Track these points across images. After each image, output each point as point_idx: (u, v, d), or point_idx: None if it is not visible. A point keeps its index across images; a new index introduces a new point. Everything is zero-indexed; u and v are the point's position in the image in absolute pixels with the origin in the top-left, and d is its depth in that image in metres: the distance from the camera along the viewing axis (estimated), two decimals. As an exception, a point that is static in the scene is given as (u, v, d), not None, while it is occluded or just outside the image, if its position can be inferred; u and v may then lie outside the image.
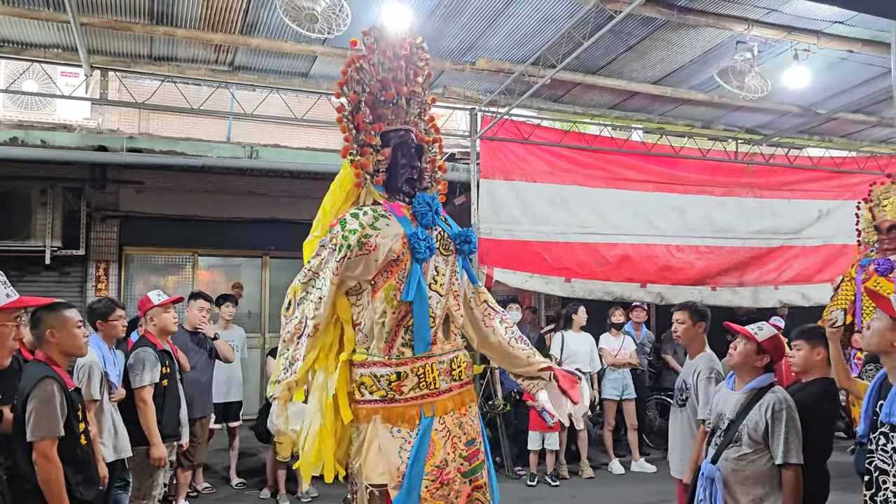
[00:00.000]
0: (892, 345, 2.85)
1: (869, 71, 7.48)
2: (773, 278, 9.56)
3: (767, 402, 3.49)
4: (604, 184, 8.90)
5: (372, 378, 3.18)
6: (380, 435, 3.14)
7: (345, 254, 3.10)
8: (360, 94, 3.32)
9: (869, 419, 2.95)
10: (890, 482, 2.77)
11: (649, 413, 8.89)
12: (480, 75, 7.59)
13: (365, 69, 3.33)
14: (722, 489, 3.57)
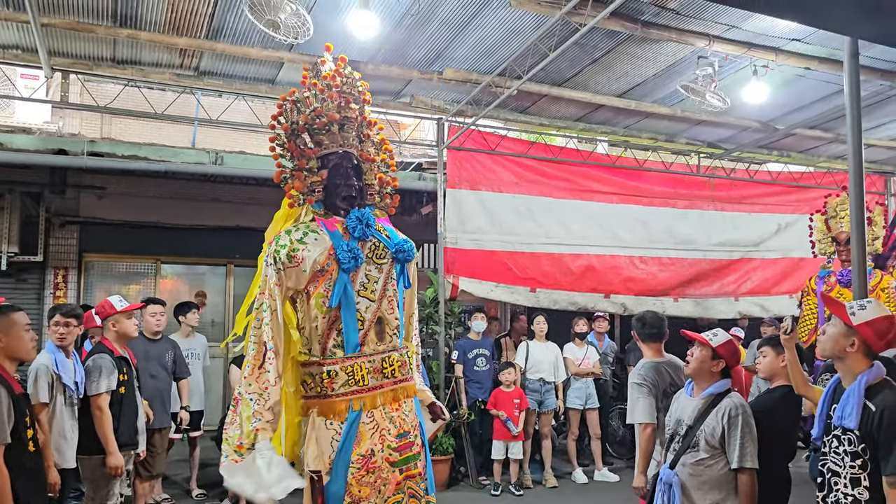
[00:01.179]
0: (845, 350, 2.92)
1: (825, 88, 7.68)
2: (734, 290, 9.74)
3: (724, 407, 3.55)
4: (569, 195, 9.00)
5: (310, 376, 3.60)
6: (316, 427, 3.54)
7: (279, 267, 3.51)
8: (295, 124, 3.74)
9: (823, 423, 3.01)
10: (841, 483, 2.83)
11: (612, 423, 8.95)
12: (448, 85, 7.62)
13: (299, 102, 3.76)
14: (680, 494, 3.61)
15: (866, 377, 2.84)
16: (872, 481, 2.75)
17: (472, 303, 8.92)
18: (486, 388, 7.72)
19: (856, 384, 2.84)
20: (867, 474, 2.76)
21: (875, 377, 2.85)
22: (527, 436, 7.62)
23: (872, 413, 2.76)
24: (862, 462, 2.78)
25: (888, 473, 2.68)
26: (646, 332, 4.48)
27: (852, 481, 2.80)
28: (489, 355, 7.90)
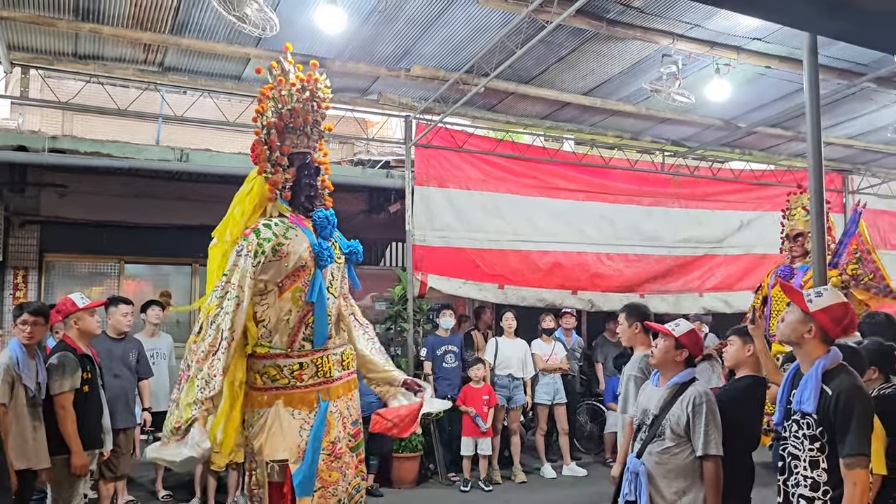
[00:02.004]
0: (803, 336, 2.99)
1: (785, 87, 7.85)
2: (698, 286, 9.91)
3: (689, 396, 3.61)
4: (536, 192, 9.07)
5: (275, 368, 3.70)
6: (281, 417, 3.66)
7: (260, 259, 3.58)
8: (272, 120, 3.82)
9: (783, 408, 3.08)
10: (801, 466, 2.91)
11: (580, 418, 9.04)
12: (415, 82, 7.63)
13: (277, 98, 3.85)
14: (646, 482, 3.66)
15: (823, 362, 2.91)
16: (830, 463, 2.82)
17: (441, 300, 8.94)
18: (455, 384, 7.74)
19: (813, 370, 2.91)
20: (825, 457, 2.84)
21: (832, 362, 2.92)
22: (496, 432, 7.66)
23: (829, 397, 2.83)
24: (820, 445, 2.85)
25: (844, 455, 2.75)
26: (643, 321, 4.49)
27: (811, 464, 2.87)
28: (458, 352, 7.92)
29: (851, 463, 2.73)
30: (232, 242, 3.75)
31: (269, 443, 3.64)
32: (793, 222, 7.40)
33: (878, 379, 4.03)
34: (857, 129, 9.57)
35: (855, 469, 2.73)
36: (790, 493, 2.95)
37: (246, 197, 3.87)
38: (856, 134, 9.76)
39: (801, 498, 2.89)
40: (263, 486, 3.67)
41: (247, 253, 3.56)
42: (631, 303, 4.79)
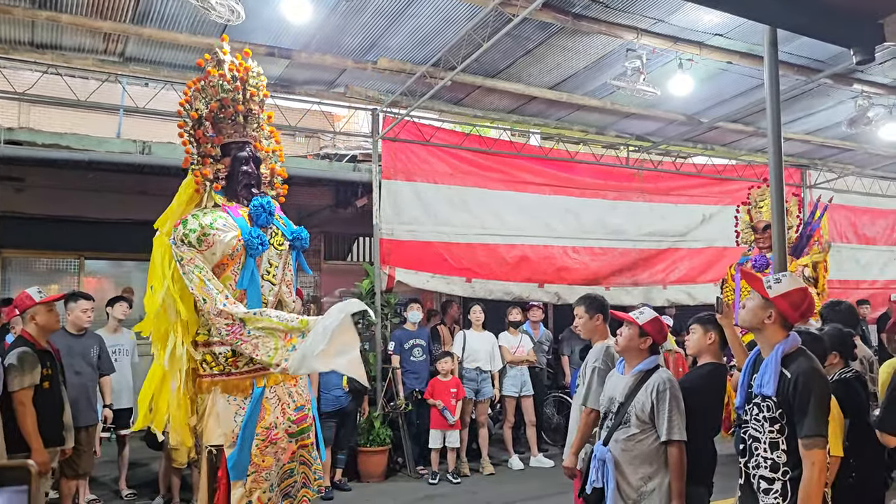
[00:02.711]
0: (763, 322, 3.06)
1: (746, 82, 7.99)
2: (662, 278, 10.06)
3: (653, 382, 3.66)
4: (503, 186, 9.11)
5: (212, 355, 3.80)
6: (217, 403, 3.77)
7: (186, 248, 3.69)
8: (202, 111, 3.90)
9: (745, 392, 3.14)
10: (761, 448, 2.97)
11: (547, 410, 9.11)
12: (382, 75, 7.59)
13: (206, 90, 3.92)
14: (613, 470, 3.70)
15: (782, 347, 2.98)
16: (789, 445, 2.89)
17: (409, 294, 8.93)
18: (423, 378, 7.75)
19: (773, 354, 2.98)
20: (784, 438, 2.90)
21: (791, 346, 2.99)
22: (463, 424, 7.68)
23: (788, 380, 2.90)
24: (780, 427, 2.91)
25: (803, 436, 2.82)
26: (608, 313, 4.49)
27: (771, 445, 2.94)
28: (425, 346, 7.93)
29: (809, 444, 2.80)
30: (168, 234, 3.83)
31: (208, 428, 3.77)
32: (760, 214, 7.56)
33: (838, 364, 4.15)
34: (814, 125, 9.79)
35: (813, 449, 2.79)
36: (751, 475, 3.02)
37: (182, 189, 3.99)
38: (813, 130, 9.98)
39: (762, 479, 2.95)
40: (202, 471, 3.79)
41: (179, 243, 3.69)
42: (587, 295, 4.75)
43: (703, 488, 3.85)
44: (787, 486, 2.88)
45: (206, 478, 3.76)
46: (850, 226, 12.05)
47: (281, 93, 7.94)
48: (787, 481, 2.88)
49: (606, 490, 3.74)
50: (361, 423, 7.47)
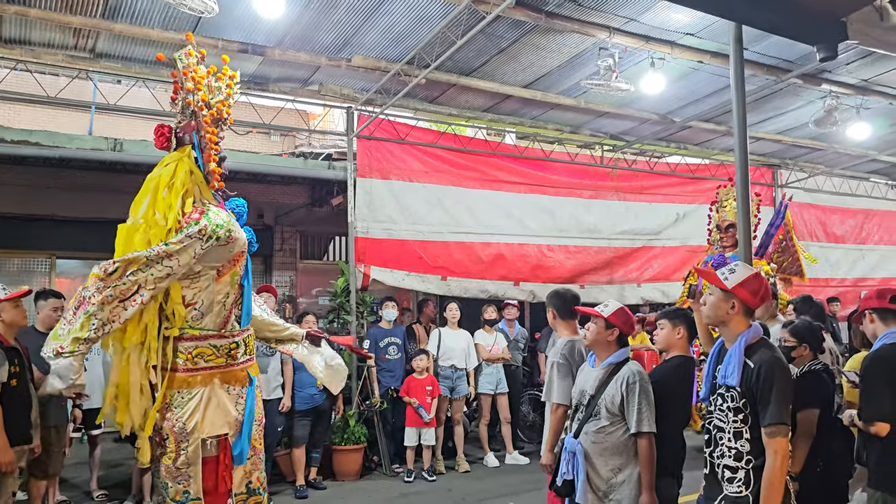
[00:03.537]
0: (727, 314, 3.10)
1: (718, 82, 8.08)
2: (636, 276, 10.16)
3: (623, 375, 3.72)
4: (478, 185, 9.15)
5: (211, 348, 3.91)
6: (218, 394, 3.91)
7: (211, 243, 3.73)
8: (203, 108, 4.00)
9: (709, 383, 3.18)
10: (726, 438, 3.01)
11: (523, 408, 9.15)
12: (356, 73, 7.57)
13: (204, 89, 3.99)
14: (583, 461, 3.74)
15: (745, 337, 3.03)
16: (753, 434, 2.93)
17: (384, 292, 8.93)
18: (398, 376, 7.76)
19: (736, 345, 3.02)
20: (748, 427, 2.94)
21: (753, 337, 3.04)
22: (439, 422, 7.70)
23: (751, 370, 2.95)
24: (743, 416, 2.96)
25: (766, 424, 2.87)
26: (567, 308, 4.45)
27: (735, 435, 2.98)
28: (401, 344, 7.93)
29: (772, 432, 2.84)
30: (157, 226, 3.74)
31: (207, 419, 3.84)
32: (723, 213, 7.68)
33: (808, 356, 4.23)
34: (784, 125, 9.92)
35: (776, 437, 2.84)
36: (715, 464, 3.06)
37: (173, 179, 3.87)
38: (783, 129, 10.12)
39: (726, 468, 2.99)
40: (195, 464, 3.81)
41: (199, 236, 3.70)
42: (552, 290, 4.72)
43: (673, 479, 3.89)
44: (749, 474, 2.92)
45: (200, 470, 3.83)
46: (820, 224, 12.25)
47: (255, 90, 7.90)
48: (750, 470, 2.92)
49: (576, 482, 3.78)
50: (336, 421, 7.45)
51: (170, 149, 4.14)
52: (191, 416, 3.82)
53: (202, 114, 4.01)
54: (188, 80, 3.99)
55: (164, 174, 3.90)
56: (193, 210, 3.85)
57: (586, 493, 3.73)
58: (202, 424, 3.83)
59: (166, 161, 3.99)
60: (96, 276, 3.59)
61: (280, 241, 10.89)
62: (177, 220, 3.80)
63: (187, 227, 3.75)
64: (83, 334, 3.50)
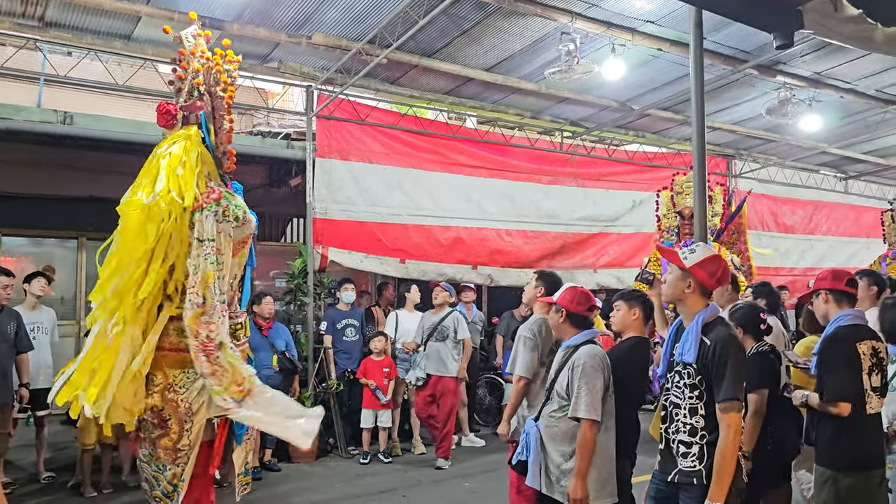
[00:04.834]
0: (684, 292, 3.16)
1: (676, 70, 8.18)
2: (593, 262, 10.28)
3: (574, 358, 3.69)
4: (438, 168, 9.14)
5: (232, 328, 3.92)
6: None
7: (235, 224, 3.82)
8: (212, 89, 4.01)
9: (667, 360, 3.24)
10: (682, 414, 3.08)
11: (479, 391, 9.20)
12: (317, 51, 7.46)
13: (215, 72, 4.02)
14: (535, 445, 3.77)
15: (702, 315, 3.09)
16: (707, 410, 3.00)
17: (342, 274, 8.86)
18: (355, 358, 7.72)
19: (694, 322, 3.08)
20: (703, 403, 3.01)
21: (710, 315, 3.10)
22: (395, 404, 7.69)
23: (707, 347, 3.01)
24: (699, 393, 3.02)
25: (720, 400, 2.93)
26: (554, 288, 4.43)
27: (690, 411, 3.04)
28: (358, 326, 7.90)
29: (726, 407, 2.91)
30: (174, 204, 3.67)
31: (212, 400, 3.71)
32: (686, 201, 7.80)
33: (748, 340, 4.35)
34: (739, 116, 10.11)
35: (729, 413, 2.90)
36: (671, 440, 3.12)
37: (185, 157, 3.82)
38: (739, 120, 10.31)
39: (681, 443, 3.06)
40: (196, 445, 3.76)
41: (225, 218, 3.78)
42: (541, 270, 4.90)
43: (627, 460, 3.94)
44: (703, 449, 2.99)
45: (196, 453, 3.78)
46: (771, 215, 12.55)
47: (212, 66, 7.72)
48: (704, 445, 2.99)
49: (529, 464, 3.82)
50: (292, 403, 7.37)
51: (174, 128, 4.11)
52: (198, 396, 3.75)
53: (219, 96, 4.02)
54: (196, 61, 4.01)
55: (174, 152, 3.85)
56: (210, 191, 3.84)
57: (540, 477, 3.75)
58: (207, 405, 3.75)
59: (173, 139, 3.95)
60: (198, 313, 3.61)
61: (237, 222, 10.69)
62: (194, 198, 3.75)
63: (208, 208, 3.76)
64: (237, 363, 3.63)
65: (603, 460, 3.60)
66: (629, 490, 4.04)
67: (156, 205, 3.67)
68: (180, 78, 4.11)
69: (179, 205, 3.70)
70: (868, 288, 4.85)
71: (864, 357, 3.49)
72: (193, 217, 3.74)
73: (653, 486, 3.28)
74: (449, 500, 6.19)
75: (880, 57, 7.33)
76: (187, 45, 4.07)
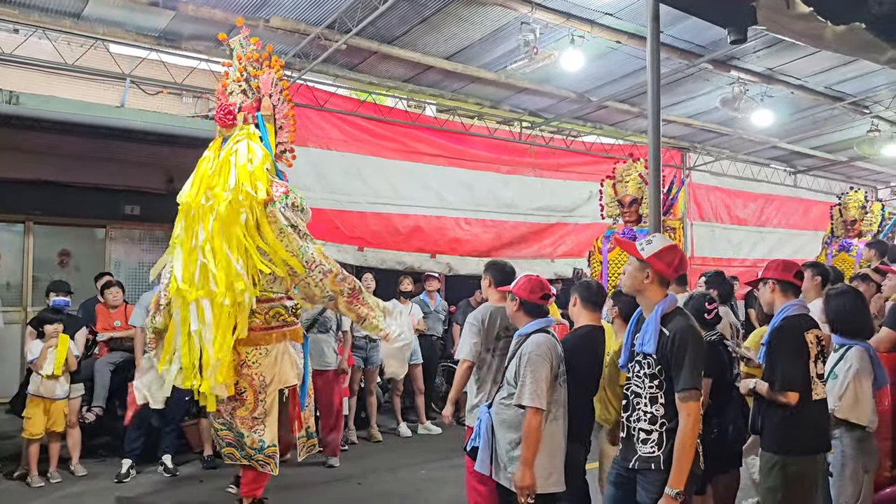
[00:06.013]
0: (643, 283, 3.20)
1: (634, 63, 8.28)
2: (550, 252, 10.38)
3: (523, 347, 3.72)
4: (397, 156, 9.11)
5: (284, 308, 4.59)
6: (289, 350, 4.57)
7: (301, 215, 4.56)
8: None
9: (628, 351, 3.28)
10: (642, 403, 3.13)
11: (437, 380, 9.23)
12: (275, 34, 7.33)
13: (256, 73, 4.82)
14: (485, 432, 3.80)
15: (661, 306, 3.13)
16: (667, 398, 3.05)
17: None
18: (312, 346, 7.66)
19: (653, 313, 3.13)
20: (663, 393, 3.06)
21: (669, 306, 3.14)
22: (352, 392, 7.67)
23: (667, 337, 3.05)
24: (658, 382, 3.07)
25: (679, 390, 2.99)
26: (502, 279, 4.50)
27: (650, 400, 3.10)
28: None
29: (685, 396, 2.96)
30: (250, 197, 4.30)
31: (283, 372, 4.44)
32: (626, 189, 7.90)
33: None
34: (694, 109, 10.28)
35: (688, 402, 2.96)
36: (632, 428, 3.17)
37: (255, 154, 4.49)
38: (694, 113, 10.49)
39: (641, 431, 3.11)
40: (271, 413, 4.35)
41: (299, 207, 4.56)
42: (490, 261, 4.88)
43: (580, 446, 3.99)
44: (662, 436, 3.04)
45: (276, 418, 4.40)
46: (724, 207, 12.83)
47: (166, 47, 7.56)
48: (664, 432, 3.04)
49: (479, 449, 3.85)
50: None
51: (232, 127, 4.74)
52: (270, 369, 4.36)
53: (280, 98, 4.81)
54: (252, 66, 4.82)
55: (241, 150, 4.44)
56: (278, 184, 4.50)
57: (487, 462, 3.78)
58: (279, 376, 4.38)
59: (237, 138, 4.57)
60: (332, 280, 4.58)
61: (191, 208, 10.51)
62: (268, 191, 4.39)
63: (279, 200, 4.44)
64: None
65: (551, 449, 3.63)
66: (583, 475, 4.11)
67: (235, 199, 4.25)
68: (237, 81, 4.81)
69: (255, 198, 4.30)
70: (813, 279, 5.00)
71: (811, 346, 3.60)
72: (266, 209, 4.35)
73: (612, 471, 3.33)
74: (405, 486, 6.21)
75: (830, 54, 7.54)
76: (241, 50, 4.80)
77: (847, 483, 3.95)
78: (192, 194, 4.46)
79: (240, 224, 4.26)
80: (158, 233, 10.43)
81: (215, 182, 4.35)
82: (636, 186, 7.71)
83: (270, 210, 4.33)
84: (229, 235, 4.23)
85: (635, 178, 7.75)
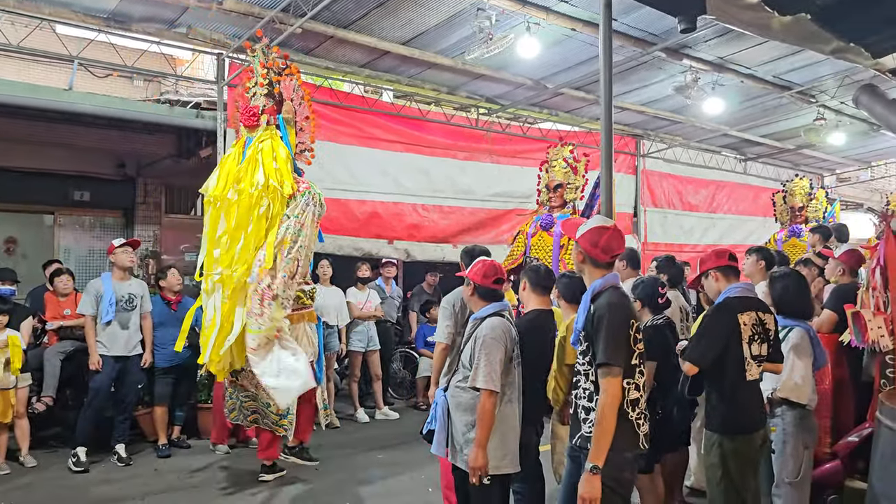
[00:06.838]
0: (580, 262, 3.33)
1: (589, 51, 8.34)
2: (508, 238, 10.42)
3: (478, 330, 3.76)
4: (354, 141, 9.06)
5: (304, 293, 5.49)
6: (307, 330, 5.48)
7: (319, 211, 5.34)
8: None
9: (577, 332, 3.36)
10: (582, 380, 3.21)
11: (394, 365, 9.28)
12: (228, 17, 7.22)
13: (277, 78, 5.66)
14: (442, 415, 3.84)
15: (595, 285, 3.22)
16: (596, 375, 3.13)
17: (255, 248, 8.71)
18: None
19: (588, 292, 3.23)
20: (593, 369, 3.14)
21: (601, 286, 3.21)
22: (312, 379, 7.66)
23: (591, 314, 3.15)
24: (589, 358, 3.16)
25: (596, 364, 3.07)
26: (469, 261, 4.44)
27: (585, 376, 3.19)
28: (272, 300, 7.79)
29: (602, 372, 3.03)
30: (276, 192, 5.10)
31: (302, 349, 5.22)
32: (552, 174, 8.02)
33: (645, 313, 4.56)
34: (647, 97, 10.42)
35: (606, 377, 3.02)
36: (578, 406, 3.25)
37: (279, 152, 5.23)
38: (647, 101, 10.63)
39: (583, 408, 3.19)
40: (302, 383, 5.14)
41: (313, 204, 5.21)
42: (465, 248, 5.06)
43: (531, 428, 4.08)
44: None
45: None
46: (677, 193, 13.07)
47: (116, 29, 7.37)
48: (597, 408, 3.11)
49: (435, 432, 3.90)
50: (202, 378, 7.23)
51: (255, 128, 5.48)
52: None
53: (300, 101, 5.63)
54: (272, 72, 5.53)
55: (266, 149, 5.14)
56: (300, 181, 5.28)
57: (443, 444, 3.82)
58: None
59: (261, 137, 5.30)
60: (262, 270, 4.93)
61: (143, 194, 10.34)
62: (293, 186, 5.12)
63: (301, 195, 5.15)
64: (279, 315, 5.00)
65: (504, 430, 3.68)
66: (536, 456, 4.20)
67: (260, 193, 4.98)
68: (260, 85, 5.45)
69: (280, 192, 5.02)
70: (757, 263, 5.17)
71: (744, 327, 3.71)
72: (289, 202, 5.05)
73: (568, 447, 3.42)
74: (363, 472, 6.25)
75: (777, 44, 7.71)
76: (263, 58, 5.48)
77: (788, 459, 4.11)
78: (219, 188, 5.15)
79: (261, 215, 5.00)
80: (109, 219, 10.24)
81: (243, 177, 5.03)
82: (562, 171, 7.85)
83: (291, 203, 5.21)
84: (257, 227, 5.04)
85: (560, 163, 7.86)
